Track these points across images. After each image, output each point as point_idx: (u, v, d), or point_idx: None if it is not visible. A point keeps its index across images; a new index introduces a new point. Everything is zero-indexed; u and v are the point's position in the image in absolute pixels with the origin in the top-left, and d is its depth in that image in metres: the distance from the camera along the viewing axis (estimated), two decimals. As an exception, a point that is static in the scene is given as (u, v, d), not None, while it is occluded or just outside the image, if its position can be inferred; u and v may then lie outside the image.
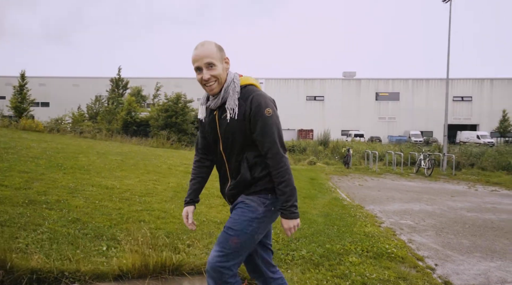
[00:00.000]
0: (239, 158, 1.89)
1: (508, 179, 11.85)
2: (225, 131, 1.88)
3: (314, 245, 4.01)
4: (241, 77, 1.94)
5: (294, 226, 1.85)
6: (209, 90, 1.86)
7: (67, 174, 6.04)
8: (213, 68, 1.82)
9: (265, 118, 1.80)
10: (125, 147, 12.03)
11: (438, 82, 54.56)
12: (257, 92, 1.87)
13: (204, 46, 1.84)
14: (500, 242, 4.74)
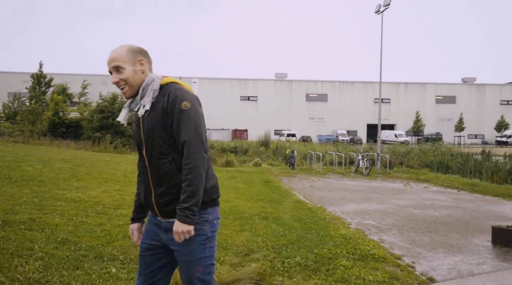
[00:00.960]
0: (164, 161, 1.75)
1: (433, 176, 13.26)
2: (146, 132, 1.77)
3: (304, 251, 4.20)
4: (164, 77, 1.86)
5: (183, 232, 1.66)
6: (122, 93, 1.82)
7: (22, 187, 5.51)
8: (120, 72, 1.77)
9: (181, 110, 1.70)
10: (67, 152, 11.17)
11: (362, 84, 58.66)
12: (176, 87, 1.79)
13: (115, 50, 1.81)
14: (453, 237, 5.37)
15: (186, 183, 1.67)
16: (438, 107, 59.91)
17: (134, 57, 1.80)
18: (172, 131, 1.74)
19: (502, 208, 7.92)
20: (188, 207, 1.66)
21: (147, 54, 1.89)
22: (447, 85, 60.95)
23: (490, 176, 12.58)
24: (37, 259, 2.89)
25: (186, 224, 1.66)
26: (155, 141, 1.75)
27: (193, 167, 1.68)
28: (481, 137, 59.66)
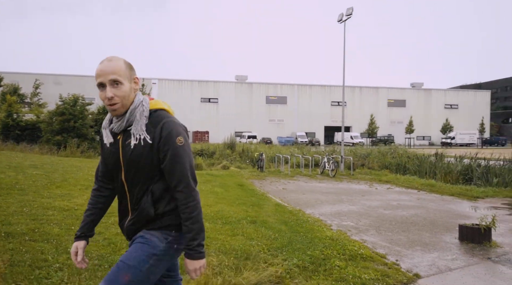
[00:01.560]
0: (143, 190, 1.70)
1: (393, 177, 14.10)
2: (129, 159, 1.68)
3: (298, 253, 4.46)
4: (151, 101, 1.76)
5: (200, 267, 1.68)
6: (112, 110, 1.67)
7: (3, 196, 5.32)
8: (118, 87, 1.64)
9: (176, 147, 1.65)
10: (34, 158, 10.66)
11: (320, 88, 60.41)
12: (168, 118, 1.70)
13: (112, 61, 1.66)
14: (425, 235, 5.88)
15: (191, 221, 1.65)
16: (390, 110, 63.08)
17: (130, 74, 1.71)
18: (159, 164, 1.68)
19: (459, 207, 8.67)
20: (199, 243, 1.67)
21: (135, 72, 1.78)
22: (398, 90, 64.34)
23: (443, 177, 13.59)
24: (57, 270, 2.92)
25: (200, 259, 1.67)
26: (139, 171, 1.68)
27: (195, 205, 1.67)
28: (428, 138, 63.61)
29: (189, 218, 1.65)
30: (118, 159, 1.71)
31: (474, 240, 5.38)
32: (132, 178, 1.70)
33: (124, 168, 1.71)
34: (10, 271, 2.76)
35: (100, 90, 1.66)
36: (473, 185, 12.19)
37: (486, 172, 12.81)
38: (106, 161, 1.80)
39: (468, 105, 66.07)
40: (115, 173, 1.77)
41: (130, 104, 1.69)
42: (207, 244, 4.41)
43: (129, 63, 1.74)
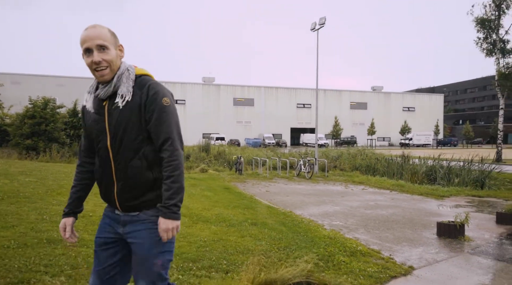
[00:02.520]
0: (132, 156, 1.72)
1: (364, 178, 14.99)
2: (115, 123, 1.71)
3: (305, 251, 4.93)
4: (136, 68, 1.82)
5: (173, 228, 1.68)
6: (100, 75, 1.71)
7: (15, 204, 5.40)
8: (105, 51, 1.68)
9: (162, 106, 1.70)
10: (16, 164, 10.42)
11: (285, 90, 61.57)
12: (154, 81, 1.77)
13: (96, 28, 1.71)
14: (407, 232, 6.57)
15: (171, 179, 1.67)
16: (352, 112, 65.44)
17: (115, 41, 1.75)
18: (147, 126, 1.70)
19: (429, 205, 9.53)
20: (175, 203, 1.67)
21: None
22: (360, 93, 66.86)
23: (410, 177, 14.64)
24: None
25: (174, 220, 1.67)
26: (127, 135, 1.70)
27: (177, 164, 1.69)
28: (388, 139, 66.60)
29: (170, 176, 1.67)
30: (103, 126, 1.74)
31: (451, 235, 6.12)
32: (119, 143, 1.71)
33: (110, 134, 1.72)
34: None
35: (86, 56, 1.70)
36: (437, 184, 13.27)
37: (448, 173, 13.96)
38: (89, 131, 1.82)
39: (424, 107, 69.88)
40: (98, 141, 1.77)
41: (117, 70, 1.73)
42: (225, 245, 4.80)
43: (113, 32, 1.77)
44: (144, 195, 1.73)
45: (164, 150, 1.69)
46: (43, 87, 49.26)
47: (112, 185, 1.77)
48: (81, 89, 48.27)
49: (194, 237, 5.07)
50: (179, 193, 1.69)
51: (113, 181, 1.76)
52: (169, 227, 1.66)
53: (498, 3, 22.69)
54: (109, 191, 1.79)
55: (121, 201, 1.76)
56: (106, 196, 1.83)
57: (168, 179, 1.67)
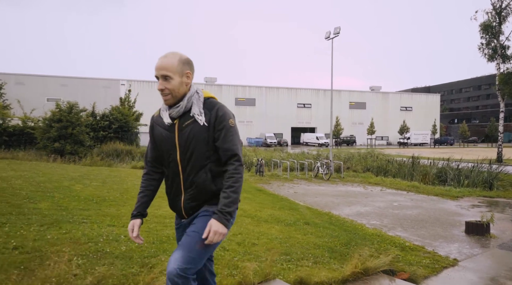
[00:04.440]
0: (199, 169, 1.91)
1: (379, 179, 15.93)
2: (186, 140, 1.91)
3: (362, 246, 5.82)
4: (203, 91, 2.04)
5: (220, 233, 1.79)
6: (164, 100, 1.96)
7: (114, 207, 6.24)
8: (167, 81, 1.90)
9: (229, 127, 1.92)
10: (67, 168, 11.20)
11: (286, 90, 62.48)
12: (221, 104, 1.98)
13: (167, 58, 1.92)
14: (438, 230, 7.49)
15: (232, 189, 1.85)
16: (352, 112, 66.54)
17: (182, 69, 1.93)
18: (213, 143, 1.92)
19: (447, 205, 10.48)
20: (230, 212, 1.82)
21: (193, 65, 2.01)
22: (358, 93, 67.95)
23: (421, 178, 15.61)
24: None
25: (225, 226, 1.80)
26: (196, 151, 1.91)
27: (240, 178, 1.89)
28: (386, 138, 67.86)
29: (231, 186, 1.85)
30: (174, 142, 1.94)
31: (478, 233, 7.06)
32: (188, 158, 1.92)
33: (180, 149, 1.92)
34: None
35: (158, 81, 1.95)
36: (448, 185, 14.25)
37: (458, 174, 14.94)
38: (159, 145, 2.03)
39: (421, 107, 71.19)
40: (168, 155, 1.98)
41: (183, 94, 1.95)
42: (299, 241, 5.66)
43: (185, 59, 1.96)
44: (204, 204, 1.96)
45: (230, 164, 1.89)
46: (47, 88, 49.77)
47: (180, 195, 1.98)
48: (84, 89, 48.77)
49: (269, 235, 5.94)
50: (235, 204, 1.85)
51: (181, 192, 1.97)
52: (219, 231, 1.78)
53: (498, 11, 23.76)
54: (176, 200, 2.01)
55: (186, 209, 1.98)
56: (173, 205, 2.05)
57: (229, 188, 1.84)
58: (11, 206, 5.26)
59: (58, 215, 5.07)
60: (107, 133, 22.26)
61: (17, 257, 3.20)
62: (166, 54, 1.94)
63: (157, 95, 15.92)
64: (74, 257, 3.28)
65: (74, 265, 2.97)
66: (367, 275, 3.98)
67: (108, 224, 4.96)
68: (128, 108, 24.79)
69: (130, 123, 23.42)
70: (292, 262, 4.54)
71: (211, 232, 1.78)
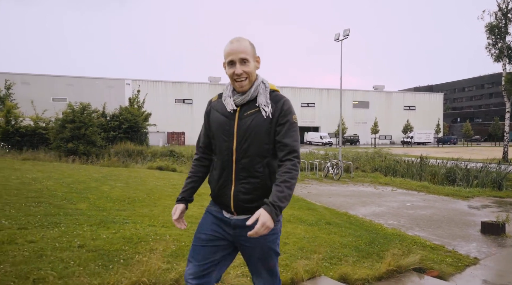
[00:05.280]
0: (256, 162, 1.85)
1: (388, 179, 16.19)
2: (246, 130, 1.84)
3: (387, 246, 6.10)
4: (269, 83, 1.97)
5: (267, 227, 1.67)
6: (240, 86, 1.86)
7: (147, 207, 6.52)
8: (246, 64, 1.84)
9: (292, 122, 1.87)
10: (90, 169, 11.52)
11: (290, 89, 62.70)
12: (286, 98, 1.92)
13: (240, 42, 1.86)
14: (455, 230, 7.75)
15: (287, 185, 1.75)
16: (355, 111, 66.72)
17: (254, 53, 1.90)
18: (275, 137, 1.85)
19: (459, 205, 10.74)
20: (281, 207, 1.73)
21: None
22: (362, 92, 68.11)
23: (431, 178, 15.85)
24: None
25: (273, 221, 1.70)
26: (256, 142, 1.84)
27: (296, 175, 1.81)
28: (389, 138, 68.06)
29: (287, 181, 1.76)
30: (232, 130, 1.87)
31: (494, 232, 7.32)
32: (246, 148, 1.84)
33: (237, 139, 1.85)
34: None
35: (229, 67, 1.88)
36: (457, 185, 14.49)
37: (466, 175, 15.19)
38: (214, 131, 1.95)
39: (424, 106, 71.32)
40: (223, 143, 1.90)
41: (254, 81, 1.90)
42: (327, 240, 5.92)
43: (253, 44, 1.92)
44: (258, 200, 1.84)
45: (288, 160, 1.81)
46: (53, 87, 50.11)
47: (229, 185, 1.89)
48: (89, 89, 48.97)
49: (296, 235, 6.21)
50: (287, 200, 1.76)
51: (231, 182, 1.89)
52: (267, 224, 1.66)
53: (505, 12, 23.96)
54: (224, 190, 1.91)
55: (236, 202, 1.88)
56: (219, 196, 1.95)
57: (285, 183, 1.75)
58: (55, 207, 5.54)
59: (100, 215, 5.34)
60: (117, 133, 22.55)
61: (85, 254, 3.47)
62: (237, 38, 1.89)
63: (162, 93, 16.57)
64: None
65: (162, 261, 3.24)
66: (400, 273, 4.25)
67: (148, 224, 5.22)
68: (138, 108, 25.07)
69: (140, 123, 23.71)
70: (326, 260, 4.81)
71: (259, 222, 1.66)
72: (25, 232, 3.96)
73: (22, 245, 3.50)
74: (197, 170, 2.07)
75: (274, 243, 1.92)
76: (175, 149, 22.42)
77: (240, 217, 1.91)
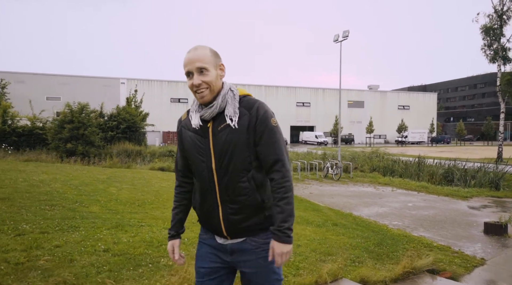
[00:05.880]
0: (240, 178, 1.69)
1: (387, 179, 16.34)
2: (222, 145, 1.68)
3: (394, 247, 6.22)
4: (238, 88, 1.83)
5: (287, 252, 1.64)
6: (200, 97, 1.70)
7: (159, 209, 6.57)
8: (204, 74, 1.67)
9: (272, 127, 1.69)
10: (94, 170, 11.50)
11: (285, 89, 62.88)
12: (261, 102, 1.74)
13: (197, 50, 1.71)
14: (459, 230, 7.89)
15: (285, 201, 1.65)
16: (350, 110, 67.06)
17: (216, 61, 1.73)
18: (255, 147, 1.69)
19: (460, 206, 10.90)
20: (289, 227, 1.64)
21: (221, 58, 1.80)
22: (357, 91, 68.49)
23: (429, 178, 16.05)
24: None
25: (288, 244, 1.63)
26: (236, 157, 1.67)
27: (289, 186, 1.68)
28: (384, 137, 68.54)
29: (284, 198, 1.65)
30: (208, 148, 1.71)
31: (497, 233, 7.47)
32: (226, 166, 1.69)
33: (215, 156, 1.69)
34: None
35: (188, 78, 1.72)
36: (455, 186, 14.70)
37: (464, 175, 15.41)
38: (190, 153, 1.78)
39: (418, 106, 71.93)
40: (200, 163, 1.74)
41: (219, 90, 1.73)
42: (337, 242, 6.03)
43: (215, 51, 1.76)
44: (251, 218, 1.72)
45: (275, 172, 1.67)
46: (48, 86, 49.74)
47: (216, 208, 1.74)
48: (84, 88, 48.75)
49: (306, 236, 6.30)
50: (292, 215, 1.68)
51: (217, 204, 1.74)
52: (283, 251, 1.63)
53: (500, 14, 24.28)
54: (212, 215, 1.77)
55: (228, 225, 1.74)
56: (208, 221, 1.80)
57: (281, 200, 1.65)
58: (69, 211, 5.58)
59: (115, 218, 5.39)
60: (115, 133, 22.48)
61: (112, 259, 3.53)
62: (195, 47, 1.74)
63: (157, 92, 16.74)
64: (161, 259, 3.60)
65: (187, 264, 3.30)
66: (414, 274, 4.36)
67: (163, 227, 5.27)
68: (135, 108, 25.01)
69: (138, 123, 23.66)
70: (340, 262, 4.90)
71: (275, 256, 1.64)
72: (48, 237, 4.00)
73: (50, 249, 3.54)
74: (181, 197, 1.91)
75: (276, 268, 1.78)
76: (173, 149, 22.41)
77: (235, 241, 1.77)
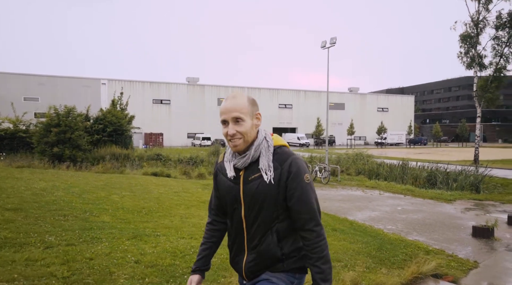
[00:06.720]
0: (265, 229, 1.70)
1: (373, 183, 16.85)
2: (252, 196, 1.68)
3: (394, 251, 6.55)
4: (273, 137, 1.80)
5: None
6: (233, 146, 1.70)
7: (168, 218, 6.69)
8: (239, 124, 1.67)
9: (305, 184, 1.67)
10: (90, 177, 11.41)
11: (268, 91, 63.34)
12: (295, 156, 1.72)
13: (235, 99, 1.71)
14: (448, 234, 8.33)
15: (322, 261, 1.64)
16: (331, 112, 68.09)
17: (253, 110, 1.73)
18: (285, 202, 1.68)
19: (446, 209, 11.43)
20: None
21: (258, 106, 1.80)
22: (338, 94, 69.68)
23: (413, 181, 16.65)
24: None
25: None
26: (264, 209, 1.68)
27: (325, 244, 1.67)
28: (363, 138, 69.98)
29: (320, 258, 1.64)
30: (239, 196, 1.72)
31: (484, 236, 7.95)
32: (255, 216, 1.70)
33: (245, 206, 1.71)
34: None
35: (223, 126, 1.72)
36: (437, 188, 15.32)
37: (446, 178, 16.07)
38: (223, 197, 1.81)
39: (396, 108, 73.80)
40: (232, 209, 1.77)
41: (253, 140, 1.72)
42: (340, 247, 6.32)
43: (253, 99, 1.78)
44: (267, 267, 1.74)
45: (309, 231, 1.66)
46: (25, 86, 48.42)
47: (242, 253, 1.79)
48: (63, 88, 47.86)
49: (311, 242, 6.57)
50: (331, 272, 1.67)
51: (244, 250, 1.78)
52: None
53: (476, 23, 25.35)
54: (238, 258, 1.82)
55: (247, 271, 1.78)
56: (235, 262, 1.85)
57: (319, 261, 1.64)
58: (83, 221, 5.66)
59: (130, 229, 5.51)
60: (101, 137, 22.23)
61: (146, 270, 3.68)
62: (233, 94, 1.74)
63: (139, 94, 17.09)
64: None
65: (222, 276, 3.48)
66: (421, 279, 4.69)
67: (178, 237, 5.43)
68: (121, 111, 24.78)
69: (124, 126, 23.46)
70: (349, 267, 5.19)
71: None
72: (76, 249, 4.11)
73: (86, 262, 3.66)
74: (211, 235, 1.94)
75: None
76: (161, 152, 22.35)
77: (250, 283, 1.82)
